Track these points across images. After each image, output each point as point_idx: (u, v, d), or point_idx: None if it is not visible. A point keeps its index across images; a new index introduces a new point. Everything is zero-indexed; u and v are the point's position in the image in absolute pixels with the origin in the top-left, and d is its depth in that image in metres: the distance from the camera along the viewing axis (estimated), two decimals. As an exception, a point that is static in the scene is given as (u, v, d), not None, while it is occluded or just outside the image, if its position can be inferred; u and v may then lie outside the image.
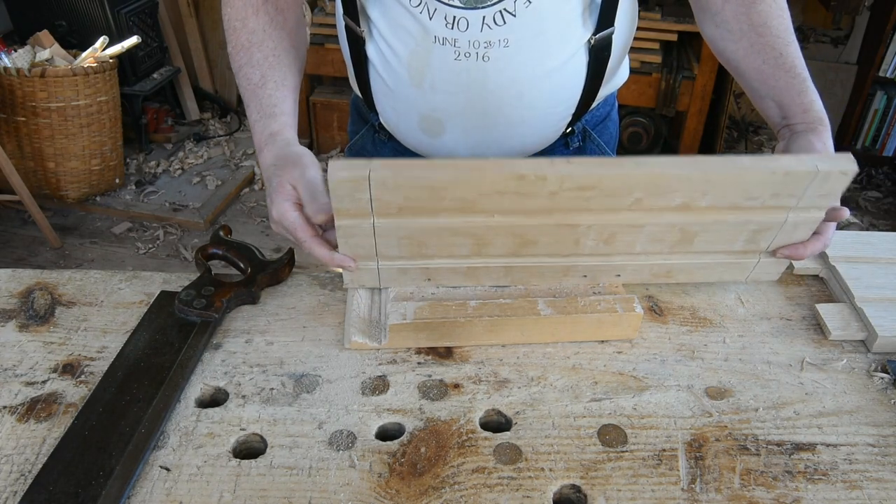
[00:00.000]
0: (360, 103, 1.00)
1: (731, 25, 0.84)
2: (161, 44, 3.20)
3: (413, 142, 0.94)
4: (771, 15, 0.82)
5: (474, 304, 0.74)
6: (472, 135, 0.88)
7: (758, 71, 0.83)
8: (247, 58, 0.83)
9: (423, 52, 0.81)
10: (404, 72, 0.84)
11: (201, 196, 2.94)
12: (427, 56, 0.81)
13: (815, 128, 0.79)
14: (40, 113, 2.55)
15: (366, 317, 0.76)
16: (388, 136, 0.98)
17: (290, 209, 0.73)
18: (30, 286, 0.82)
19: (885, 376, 0.72)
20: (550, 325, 0.74)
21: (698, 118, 2.82)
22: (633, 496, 0.60)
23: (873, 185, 3.15)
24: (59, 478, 0.59)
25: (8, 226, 2.77)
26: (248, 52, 0.83)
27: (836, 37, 3.21)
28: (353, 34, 0.87)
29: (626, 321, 0.74)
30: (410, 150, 0.97)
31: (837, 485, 0.61)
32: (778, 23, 0.82)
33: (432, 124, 0.88)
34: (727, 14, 0.84)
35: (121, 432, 0.63)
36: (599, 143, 1.01)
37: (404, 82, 0.85)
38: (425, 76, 0.83)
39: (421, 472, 0.61)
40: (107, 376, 0.69)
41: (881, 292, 0.80)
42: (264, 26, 0.84)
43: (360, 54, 0.88)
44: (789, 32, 0.82)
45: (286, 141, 0.79)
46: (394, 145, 0.99)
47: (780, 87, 0.81)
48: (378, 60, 0.86)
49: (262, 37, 0.84)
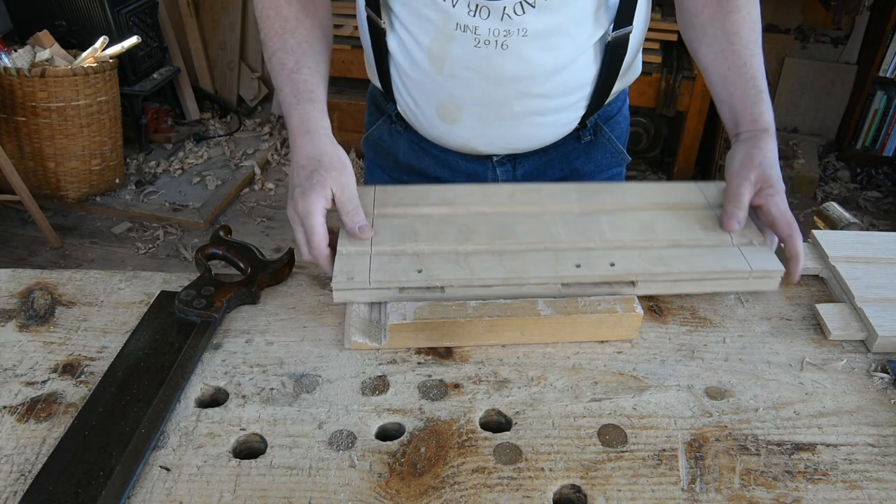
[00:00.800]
0: (378, 94, 1.03)
1: (706, 29, 0.87)
2: (161, 44, 3.20)
3: (430, 130, 0.96)
4: (743, 25, 0.84)
5: (474, 304, 0.74)
6: (487, 124, 0.92)
7: (722, 76, 0.86)
8: (280, 43, 0.86)
9: (444, 39, 0.84)
10: (425, 59, 0.87)
11: (201, 196, 2.94)
12: (448, 43, 0.84)
13: (758, 136, 0.82)
14: (40, 113, 2.55)
15: (366, 317, 0.76)
16: (403, 127, 1.01)
17: (320, 212, 0.76)
18: (30, 286, 0.82)
19: (885, 376, 0.72)
20: (550, 326, 0.74)
21: (698, 118, 2.82)
22: (633, 496, 0.60)
23: (873, 185, 3.15)
24: (59, 478, 0.59)
25: (8, 226, 2.77)
26: (281, 38, 0.86)
27: (836, 37, 3.21)
28: (374, 26, 0.90)
29: (627, 321, 0.74)
30: (426, 140, 0.99)
31: (837, 485, 0.61)
32: (748, 34, 0.85)
33: (450, 111, 0.91)
34: (704, 18, 0.87)
35: (121, 432, 0.63)
36: (611, 138, 1.02)
37: (424, 70, 0.88)
38: (445, 63, 0.86)
39: (421, 472, 0.61)
40: (107, 376, 0.69)
41: (881, 292, 0.80)
42: (297, 14, 0.87)
43: (381, 45, 0.91)
44: (757, 45, 0.85)
45: (328, 135, 0.82)
46: (409, 136, 1.01)
47: (738, 96, 0.84)
48: (398, 50, 0.90)
49: (294, 24, 0.86)
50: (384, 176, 1.09)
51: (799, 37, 3.21)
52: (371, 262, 0.76)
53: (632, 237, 0.81)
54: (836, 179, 3.18)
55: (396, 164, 1.06)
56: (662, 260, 0.78)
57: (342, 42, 2.96)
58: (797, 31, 3.24)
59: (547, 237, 0.80)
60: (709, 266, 0.78)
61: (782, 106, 3.31)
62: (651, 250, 0.79)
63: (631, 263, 0.77)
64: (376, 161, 1.10)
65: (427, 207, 0.84)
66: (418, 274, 0.75)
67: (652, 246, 0.80)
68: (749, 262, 0.78)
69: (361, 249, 0.78)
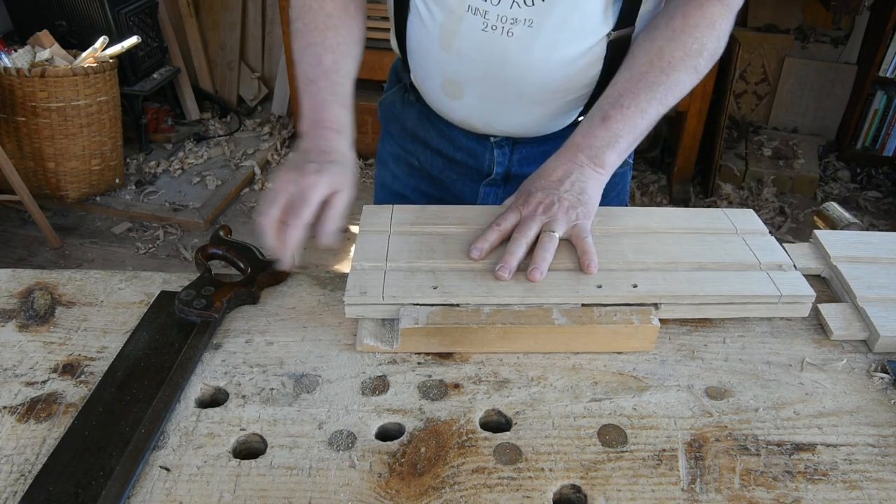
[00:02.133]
0: (399, 63, 1.07)
1: (650, 32, 0.86)
2: (161, 44, 3.20)
3: (436, 102, 1.00)
4: (675, 57, 0.83)
5: (488, 310, 0.73)
6: (488, 103, 0.94)
7: (615, 81, 0.85)
8: (321, 38, 0.89)
9: (455, 18, 0.87)
10: (437, 34, 0.90)
11: (201, 196, 2.94)
12: (459, 23, 0.87)
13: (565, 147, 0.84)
14: (40, 113, 2.55)
15: (378, 320, 0.75)
16: (416, 98, 1.05)
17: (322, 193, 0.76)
18: (30, 286, 0.82)
19: (885, 376, 0.72)
20: (565, 335, 0.73)
21: (698, 118, 2.82)
22: (633, 496, 0.60)
23: (873, 185, 3.15)
24: (59, 478, 0.59)
25: (8, 226, 2.77)
26: (322, 33, 0.89)
27: (836, 37, 3.21)
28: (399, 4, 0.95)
29: (643, 333, 0.73)
30: (433, 113, 1.03)
31: (837, 485, 0.61)
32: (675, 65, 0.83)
33: (454, 88, 0.94)
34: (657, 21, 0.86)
35: (121, 432, 0.63)
36: None
37: (435, 44, 0.91)
38: (453, 41, 0.89)
39: (421, 473, 0.61)
40: (107, 376, 0.69)
41: (883, 292, 0.80)
42: (340, 13, 0.90)
43: (403, 13, 0.94)
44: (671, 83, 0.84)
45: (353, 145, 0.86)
46: (419, 107, 1.05)
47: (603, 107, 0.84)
48: (416, 21, 0.92)
49: (337, 22, 0.90)
50: (392, 143, 1.13)
51: (799, 37, 3.21)
52: (385, 277, 0.75)
53: (655, 260, 0.79)
54: (836, 179, 3.18)
55: (404, 131, 1.09)
56: (687, 283, 0.76)
57: (342, 42, 2.95)
58: (797, 31, 3.24)
59: (567, 257, 0.78)
60: (735, 290, 0.76)
61: (782, 106, 3.31)
62: (675, 273, 0.77)
63: (654, 285, 0.75)
64: (387, 127, 1.14)
65: (444, 226, 0.83)
66: (433, 290, 0.74)
67: (676, 269, 0.78)
68: (778, 286, 0.76)
69: (376, 265, 0.77)
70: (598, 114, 0.84)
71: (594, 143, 0.82)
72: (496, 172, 1.04)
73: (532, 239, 0.78)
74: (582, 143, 0.83)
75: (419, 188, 1.12)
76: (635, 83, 0.83)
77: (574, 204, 0.80)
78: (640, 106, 0.82)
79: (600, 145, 0.82)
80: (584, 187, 0.82)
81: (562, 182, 0.81)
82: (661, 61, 0.83)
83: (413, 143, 1.09)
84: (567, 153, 0.83)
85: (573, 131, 0.86)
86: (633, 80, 0.83)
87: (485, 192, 1.06)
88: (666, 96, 0.83)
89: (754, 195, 3.04)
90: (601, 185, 0.84)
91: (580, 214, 0.80)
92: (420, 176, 1.11)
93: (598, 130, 0.83)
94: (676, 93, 0.84)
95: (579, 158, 0.83)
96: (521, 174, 1.02)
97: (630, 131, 0.83)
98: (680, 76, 0.84)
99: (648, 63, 0.83)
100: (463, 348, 0.73)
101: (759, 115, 3.38)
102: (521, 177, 0.95)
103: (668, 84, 0.83)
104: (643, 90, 0.83)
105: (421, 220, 0.85)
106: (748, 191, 3.06)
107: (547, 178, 0.82)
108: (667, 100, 0.84)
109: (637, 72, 0.84)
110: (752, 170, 3.07)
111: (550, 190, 0.81)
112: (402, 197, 1.14)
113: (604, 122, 0.83)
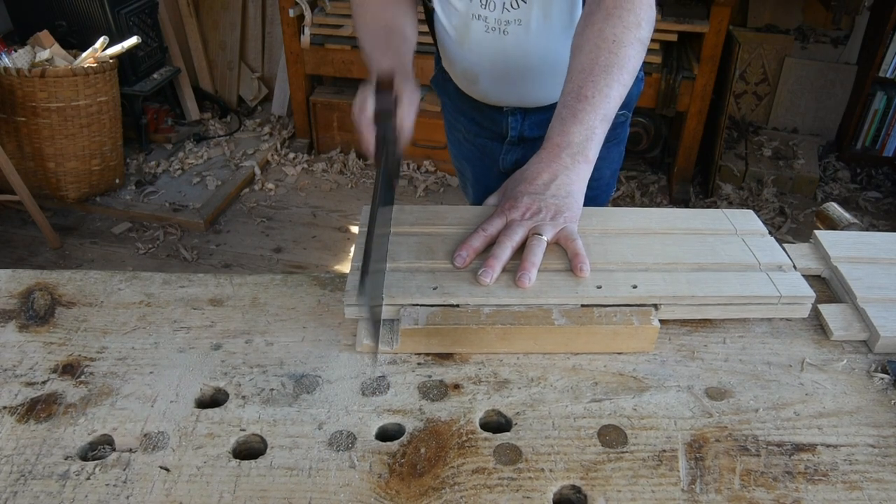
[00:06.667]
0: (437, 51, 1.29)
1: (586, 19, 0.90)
2: (161, 44, 3.20)
3: (460, 83, 1.22)
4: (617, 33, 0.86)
5: (488, 311, 0.73)
6: (498, 84, 1.15)
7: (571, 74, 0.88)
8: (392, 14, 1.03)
9: (465, 24, 1.08)
10: (454, 35, 1.11)
11: (201, 196, 2.94)
12: (467, 27, 1.08)
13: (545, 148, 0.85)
14: (40, 113, 2.55)
15: (378, 320, 0.75)
16: (449, 77, 1.26)
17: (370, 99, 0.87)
18: (30, 286, 0.82)
19: (885, 377, 0.72)
20: (564, 336, 0.73)
21: (698, 118, 2.82)
22: (633, 497, 0.60)
23: (873, 186, 3.15)
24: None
25: (8, 226, 2.77)
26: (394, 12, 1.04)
27: (836, 37, 3.21)
28: (426, 6, 1.14)
29: (643, 334, 0.73)
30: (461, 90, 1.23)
31: (837, 485, 0.61)
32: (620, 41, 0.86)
33: (471, 75, 1.16)
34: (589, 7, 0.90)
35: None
36: None
37: (453, 43, 1.12)
38: (465, 41, 1.10)
39: (421, 473, 0.61)
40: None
41: (883, 293, 0.80)
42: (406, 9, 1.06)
43: (431, 19, 1.16)
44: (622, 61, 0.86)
45: None
46: (452, 85, 1.26)
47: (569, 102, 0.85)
48: (439, 25, 1.14)
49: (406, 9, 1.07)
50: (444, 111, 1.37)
51: (799, 37, 3.21)
52: (385, 278, 0.76)
53: (655, 260, 0.79)
54: (836, 180, 3.17)
55: (447, 102, 1.32)
56: (687, 284, 0.76)
57: (342, 42, 2.96)
58: (797, 31, 3.24)
59: (566, 258, 0.79)
60: (735, 291, 0.76)
61: (782, 106, 3.31)
62: (675, 273, 0.78)
63: (654, 286, 0.75)
64: (441, 98, 1.36)
65: (444, 227, 0.84)
66: (433, 291, 0.74)
67: (676, 269, 0.78)
68: (778, 287, 0.76)
69: (376, 266, 0.77)
70: (566, 111, 0.85)
71: (573, 139, 0.83)
72: (511, 136, 1.22)
73: (518, 243, 0.78)
74: (561, 143, 0.83)
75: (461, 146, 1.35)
76: (590, 71, 0.85)
77: (561, 209, 0.81)
78: (603, 91, 0.84)
79: (579, 141, 0.83)
80: (570, 190, 0.82)
81: (548, 186, 0.82)
82: (605, 42, 0.85)
83: (453, 114, 1.32)
84: (549, 155, 0.84)
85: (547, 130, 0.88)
86: (588, 69, 0.85)
87: (506, 150, 1.25)
88: (622, 74, 0.85)
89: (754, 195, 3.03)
90: (586, 178, 0.85)
91: (567, 219, 0.81)
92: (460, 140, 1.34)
93: (571, 127, 0.83)
94: (629, 68, 0.87)
95: (562, 159, 0.83)
96: (532, 137, 1.20)
97: (602, 119, 0.84)
98: (628, 51, 0.86)
99: (595, 48, 0.85)
100: (463, 349, 0.73)
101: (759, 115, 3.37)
102: (533, 139, 1.20)
103: (619, 63, 0.85)
104: (600, 75, 0.84)
105: (421, 220, 0.85)
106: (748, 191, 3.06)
107: (533, 182, 0.83)
108: (623, 77, 0.86)
109: (588, 59, 0.85)
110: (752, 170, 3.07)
111: (537, 195, 0.82)
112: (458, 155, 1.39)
113: (575, 118, 0.83)
